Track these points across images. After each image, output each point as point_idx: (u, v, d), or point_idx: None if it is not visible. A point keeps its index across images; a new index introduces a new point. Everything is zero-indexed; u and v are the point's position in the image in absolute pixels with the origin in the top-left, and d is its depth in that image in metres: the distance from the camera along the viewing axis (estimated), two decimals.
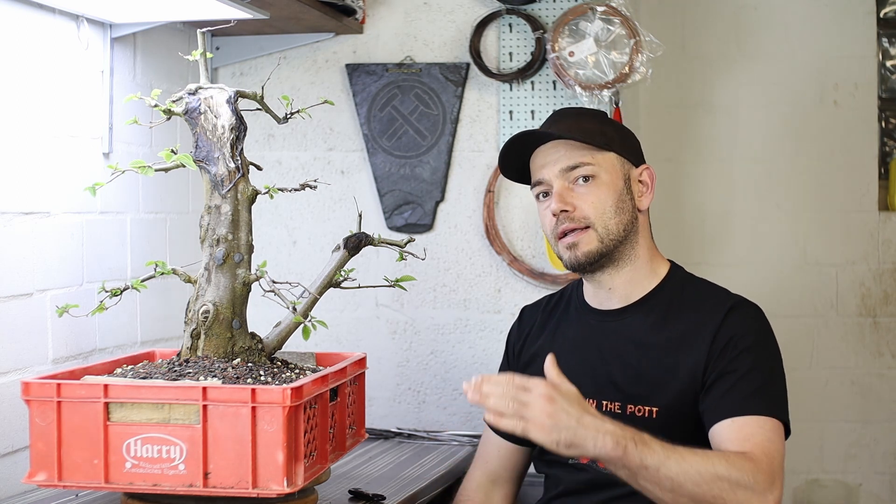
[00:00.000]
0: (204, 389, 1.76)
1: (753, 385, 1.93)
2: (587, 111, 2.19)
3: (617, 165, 2.05)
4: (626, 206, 2.04)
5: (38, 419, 1.80)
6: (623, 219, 2.03)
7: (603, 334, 2.08)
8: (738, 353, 1.96)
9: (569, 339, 2.13)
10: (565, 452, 1.72)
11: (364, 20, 2.92)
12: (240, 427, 1.75)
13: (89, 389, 1.79)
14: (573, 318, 2.16)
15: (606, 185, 2.02)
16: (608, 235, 2.01)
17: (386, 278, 2.11)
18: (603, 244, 2.01)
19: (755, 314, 2.03)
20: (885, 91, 3.57)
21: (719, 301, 2.03)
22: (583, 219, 2.01)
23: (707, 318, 2.00)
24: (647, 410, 1.98)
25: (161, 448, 1.77)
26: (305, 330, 1.97)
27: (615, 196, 2.02)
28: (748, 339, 1.97)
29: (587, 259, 2.02)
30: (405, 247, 2.10)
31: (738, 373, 1.94)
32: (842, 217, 3.51)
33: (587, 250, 2.01)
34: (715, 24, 3.55)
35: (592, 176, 2.02)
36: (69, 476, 1.80)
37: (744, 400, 1.91)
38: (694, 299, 2.05)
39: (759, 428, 1.89)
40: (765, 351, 1.99)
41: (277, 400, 1.74)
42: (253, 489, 1.75)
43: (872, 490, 3.49)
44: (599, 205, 2.01)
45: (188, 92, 1.94)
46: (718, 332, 1.97)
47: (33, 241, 2.21)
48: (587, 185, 2.02)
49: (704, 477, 1.78)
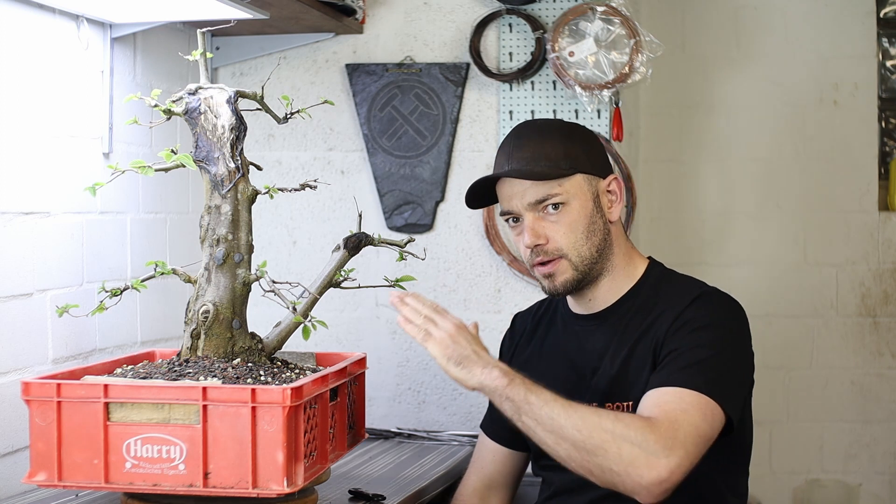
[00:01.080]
0: (204, 389, 1.76)
1: (691, 360, 1.90)
2: (549, 128, 2.11)
3: (584, 186, 2.03)
4: (597, 226, 2.03)
5: (38, 419, 1.80)
6: (595, 240, 2.03)
7: (585, 339, 2.09)
8: (689, 331, 1.94)
9: (556, 345, 2.15)
10: (454, 372, 1.83)
11: (364, 20, 2.92)
12: (240, 427, 1.75)
13: (89, 389, 1.79)
14: (559, 325, 2.17)
15: (577, 210, 2.01)
16: (582, 262, 2.02)
17: (386, 278, 2.11)
18: (578, 271, 2.02)
19: (723, 302, 2.02)
20: (885, 91, 3.57)
21: (689, 291, 2.03)
22: (556, 250, 2.01)
23: (674, 305, 1.99)
24: (625, 405, 1.98)
25: (161, 448, 1.77)
26: (305, 330, 1.97)
27: (586, 220, 2.02)
28: (704, 320, 1.96)
29: (565, 288, 2.04)
30: (405, 247, 2.10)
31: (681, 350, 1.92)
32: (842, 217, 3.51)
33: (563, 279, 2.03)
34: (715, 24, 3.55)
35: (562, 203, 2.01)
36: (69, 476, 1.80)
37: (674, 371, 1.89)
38: (667, 293, 2.05)
39: (677, 399, 1.85)
40: (719, 333, 1.95)
41: (277, 400, 1.74)
42: (253, 489, 1.75)
43: (872, 490, 3.49)
44: (571, 234, 2.01)
45: (188, 92, 1.94)
46: (680, 315, 1.97)
47: (33, 241, 2.21)
48: (557, 213, 2.01)
49: (587, 423, 1.79)
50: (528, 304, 2.84)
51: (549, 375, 2.05)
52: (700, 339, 1.93)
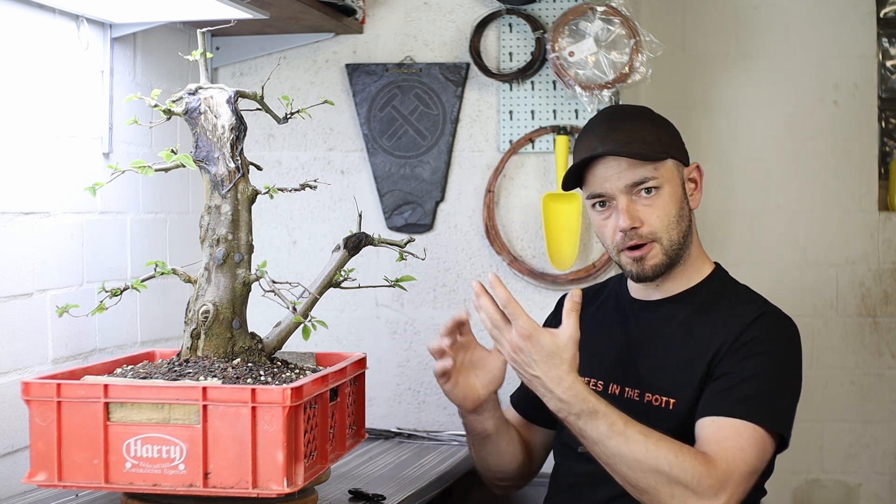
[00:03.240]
0: (204, 389, 1.76)
1: (752, 390, 1.92)
2: (639, 113, 2.13)
3: (675, 172, 2.05)
4: (685, 212, 2.05)
5: (38, 419, 1.80)
6: (683, 226, 2.04)
7: (636, 323, 2.10)
8: (750, 355, 1.95)
9: (604, 324, 2.15)
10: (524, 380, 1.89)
11: (364, 20, 2.92)
12: (240, 427, 1.75)
13: (89, 389, 1.79)
14: (611, 306, 2.18)
15: (669, 195, 2.02)
16: (672, 247, 2.03)
17: (386, 278, 2.11)
18: (668, 256, 2.03)
19: (784, 325, 2.02)
20: (885, 91, 3.57)
21: (753, 306, 2.03)
22: (649, 234, 2.01)
23: (736, 321, 1.99)
24: (665, 401, 1.99)
25: (161, 448, 1.77)
26: (305, 330, 1.97)
27: (677, 206, 2.03)
28: (765, 345, 1.96)
29: (654, 272, 2.04)
30: (405, 247, 2.10)
31: (741, 374, 1.93)
32: (842, 217, 3.51)
33: (654, 264, 2.03)
34: (715, 24, 3.55)
35: (656, 188, 2.01)
36: (69, 476, 1.80)
37: (735, 402, 1.91)
38: (729, 302, 2.05)
39: (736, 434, 1.88)
40: (779, 360, 1.97)
41: (277, 400, 1.74)
42: (253, 489, 1.75)
43: (872, 490, 3.49)
44: (665, 217, 2.01)
45: (188, 92, 1.94)
46: (742, 333, 1.97)
47: (33, 241, 2.21)
48: (651, 198, 2.01)
49: (641, 465, 1.81)
50: (528, 304, 2.85)
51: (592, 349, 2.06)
52: (761, 366, 1.94)
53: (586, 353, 2.06)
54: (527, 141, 2.84)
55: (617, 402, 2.02)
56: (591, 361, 2.08)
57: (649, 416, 1.97)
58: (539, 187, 2.85)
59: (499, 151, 2.87)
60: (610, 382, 2.08)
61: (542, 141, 2.83)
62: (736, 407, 1.90)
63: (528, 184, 2.86)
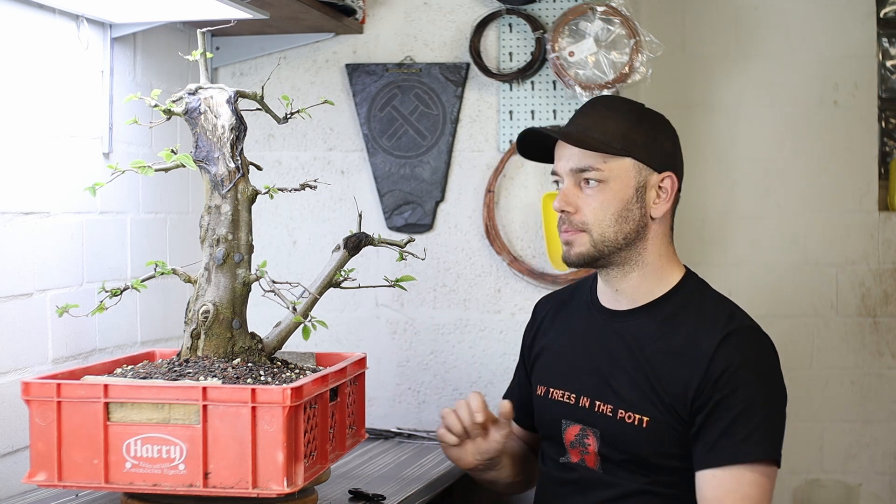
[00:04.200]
0: (204, 389, 1.76)
1: (743, 430, 1.91)
2: (622, 107, 2.09)
3: (631, 172, 2.01)
4: (632, 215, 2.01)
5: (38, 419, 1.80)
6: (625, 227, 2.00)
7: (607, 334, 2.08)
8: (732, 389, 1.92)
9: (577, 333, 2.14)
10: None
11: (364, 20, 2.92)
12: (240, 427, 1.75)
13: (89, 389, 1.79)
14: (583, 313, 2.16)
15: (613, 192, 2.00)
16: (602, 242, 2.00)
17: (386, 278, 2.11)
18: (595, 249, 2.01)
19: (754, 342, 1.99)
20: (885, 91, 3.57)
21: (721, 322, 1.99)
22: (580, 223, 2.01)
23: (703, 339, 1.96)
24: (638, 418, 1.97)
25: (161, 448, 1.77)
26: (305, 330, 1.97)
27: (619, 205, 2.00)
28: (743, 373, 1.93)
29: (577, 260, 2.03)
30: (405, 247, 2.10)
31: (729, 414, 1.91)
32: (842, 217, 3.50)
33: (578, 252, 2.02)
34: (715, 24, 3.55)
35: (600, 181, 2.00)
36: (69, 476, 1.80)
37: (729, 448, 1.90)
38: (697, 313, 2.02)
39: (738, 483, 1.89)
40: (760, 385, 1.95)
41: (277, 400, 1.74)
42: (253, 489, 1.75)
43: (872, 490, 3.49)
44: (600, 212, 2.00)
45: (188, 92, 1.94)
46: (713, 358, 1.94)
47: (33, 241, 2.21)
48: (593, 189, 2.00)
49: None
50: (528, 304, 2.85)
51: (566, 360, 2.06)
52: (746, 399, 1.92)
53: (560, 363, 2.06)
54: None
55: (588, 415, 2.03)
56: (563, 373, 2.09)
57: (623, 432, 1.97)
58: (539, 187, 2.85)
59: (499, 151, 2.87)
60: (581, 395, 2.06)
61: None
62: (731, 453, 1.90)
63: (528, 184, 2.86)
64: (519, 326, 2.84)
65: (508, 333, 2.87)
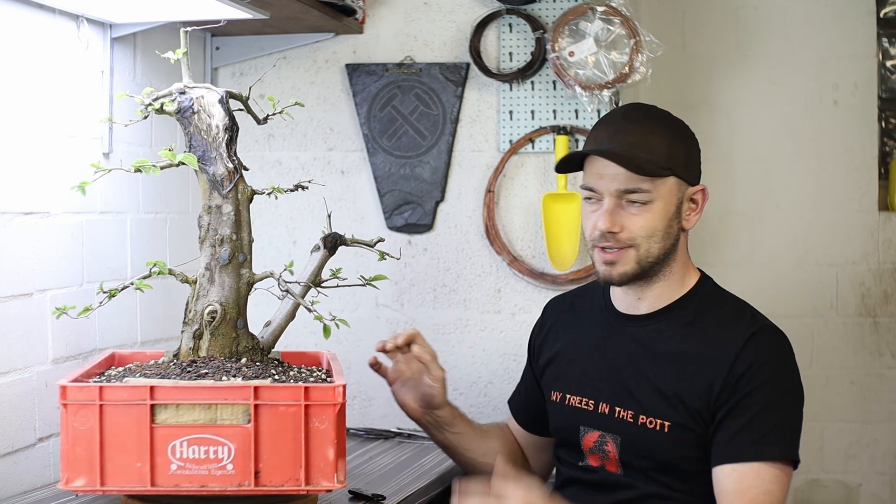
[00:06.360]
0: (256, 389, 1.76)
1: (763, 427, 1.90)
2: (659, 119, 2.06)
3: (674, 190, 1.99)
4: (672, 231, 2.00)
5: (77, 423, 1.75)
6: (667, 243, 1.99)
7: (624, 339, 2.05)
8: (754, 387, 1.92)
9: (590, 339, 2.11)
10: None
11: (364, 20, 2.92)
12: (292, 425, 1.75)
13: (134, 392, 1.76)
14: (597, 318, 2.13)
15: (659, 211, 1.97)
16: (647, 258, 1.98)
17: (361, 277, 2.10)
18: (640, 266, 1.98)
19: (776, 342, 1.99)
20: (885, 91, 3.57)
21: (742, 323, 1.99)
22: (628, 240, 1.97)
23: (727, 340, 1.96)
24: (660, 424, 1.96)
25: (209, 449, 1.76)
26: (326, 329, 1.96)
27: (664, 223, 1.98)
28: (766, 371, 1.93)
29: (621, 279, 2.00)
30: (374, 246, 2.09)
31: (749, 412, 1.91)
32: (842, 217, 3.51)
33: (623, 271, 1.98)
34: (715, 24, 3.55)
35: (647, 202, 1.96)
36: (112, 481, 1.76)
37: (750, 445, 1.90)
38: (717, 316, 2.02)
39: (758, 478, 1.88)
40: (780, 384, 1.95)
41: (330, 398, 1.76)
42: (305, 486, 1.76)
43: (872, 490, 3.49)
44: (648, 229, 1.96)
45: (178, 91, 1.94)
46: (738, 358, 1.93)
47: (33, 241, 2.21)
48: (639, 208, 1.96)
49: None
50: (528, 304, 2.85)
51: (581, 366, 2.05)
52: (765, 398, 1.92)
53: (574, 369, 2.05)
54: (527, 141, 2.84)
55: (608, 422, 2.02)
56: (579, 379, 2.07)
57: (645, 438, 1.97)
58: (539, 187, 2.85)
59: (499, 151, 2.87)
60: (600, 402, 2.04)
61: (542, 141, 2.84)
62: (752, 450, 1.89)
63: (528, 184, 2.86)
64: (519, 326, 2.85)
65: (508, 333, 2.87)
